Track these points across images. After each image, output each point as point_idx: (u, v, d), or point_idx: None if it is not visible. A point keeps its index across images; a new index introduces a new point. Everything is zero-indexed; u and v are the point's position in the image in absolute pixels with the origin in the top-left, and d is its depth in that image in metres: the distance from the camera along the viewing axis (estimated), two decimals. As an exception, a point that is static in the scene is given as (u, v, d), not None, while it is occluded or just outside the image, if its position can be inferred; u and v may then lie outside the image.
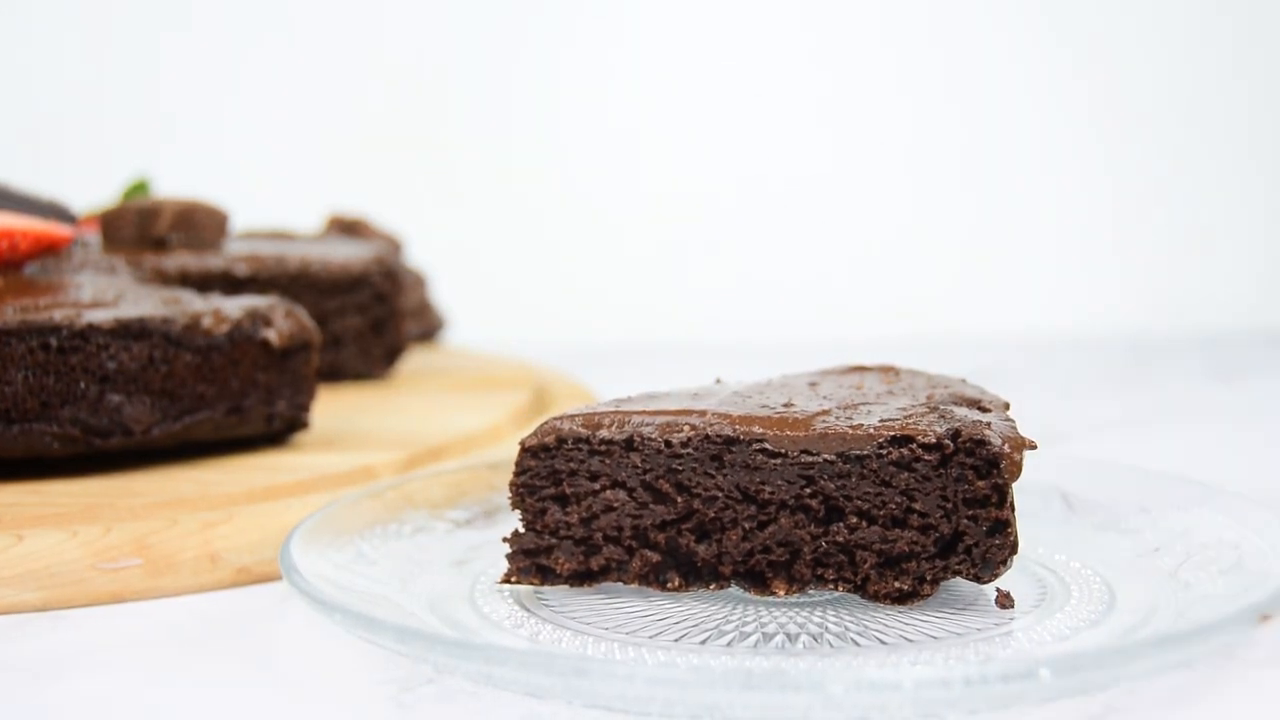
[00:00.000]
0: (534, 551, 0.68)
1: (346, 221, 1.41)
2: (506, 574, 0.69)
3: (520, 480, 0.68)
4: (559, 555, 0.68)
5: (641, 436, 0.67)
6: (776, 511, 0.66)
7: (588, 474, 0.68)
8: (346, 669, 0.61)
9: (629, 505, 0.67)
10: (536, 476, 0.68)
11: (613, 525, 0.67)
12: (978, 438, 0.64)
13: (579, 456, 0.68)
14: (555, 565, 0.68)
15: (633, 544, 0.67)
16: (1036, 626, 0.62)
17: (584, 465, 0.68)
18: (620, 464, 0.67)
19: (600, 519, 0.68)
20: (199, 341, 0.88)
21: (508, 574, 0.68)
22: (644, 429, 0.67)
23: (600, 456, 0.67)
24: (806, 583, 0.66)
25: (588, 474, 0.68)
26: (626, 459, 0.67)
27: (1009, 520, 0.64)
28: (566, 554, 0.68)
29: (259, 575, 0.76)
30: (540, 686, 0.54)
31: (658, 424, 0.67)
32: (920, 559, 0.65)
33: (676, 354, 1.65)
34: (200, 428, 0.89)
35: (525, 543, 0.68)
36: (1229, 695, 0.57)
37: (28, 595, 0.70)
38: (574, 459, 0.68)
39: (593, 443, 0.67)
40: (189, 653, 0.65)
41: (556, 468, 0.68)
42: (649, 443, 0.67)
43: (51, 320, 0.84)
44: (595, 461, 0.67)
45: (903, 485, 0.65)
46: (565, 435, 0.68)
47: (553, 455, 0.68)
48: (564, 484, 0.68)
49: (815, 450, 0.65)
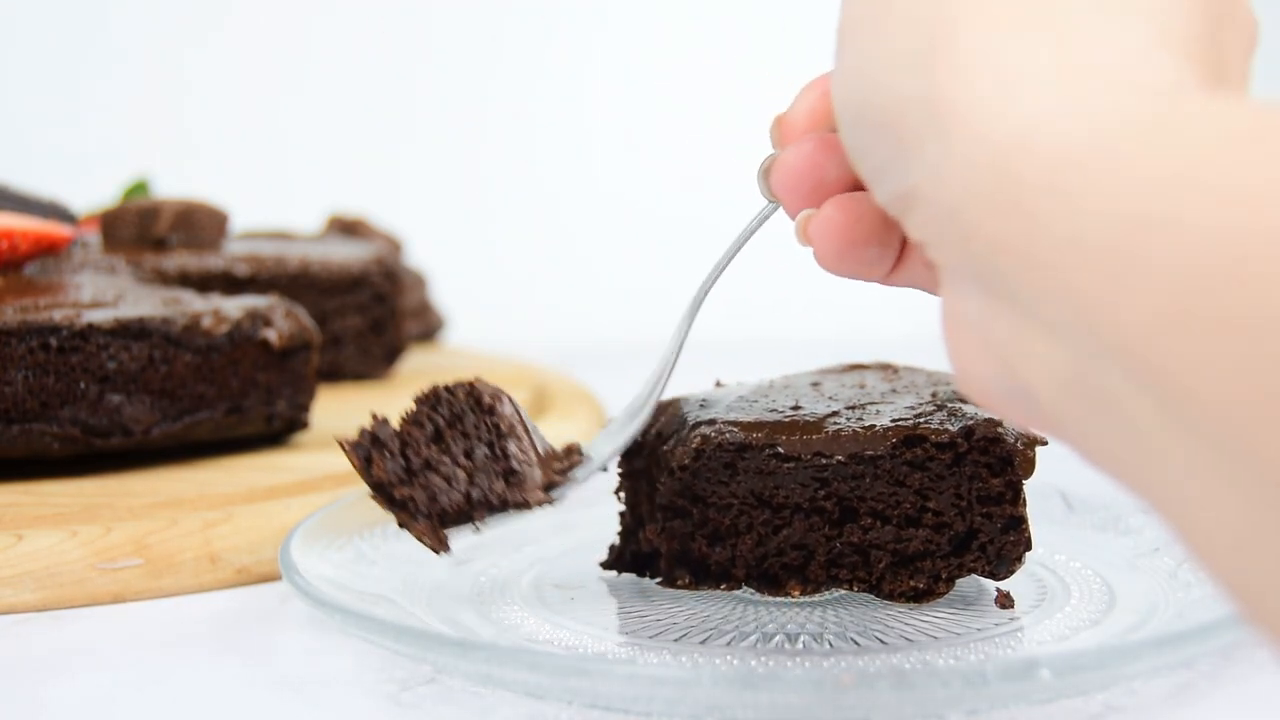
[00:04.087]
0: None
1: (346, 221, 1.41)
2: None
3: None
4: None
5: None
6: (791, 515, 0.66)
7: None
8: (346, 669, 0.61)
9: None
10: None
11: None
12: (991, 435, 0.64)
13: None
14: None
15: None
16: (1036, 626, 0.62)
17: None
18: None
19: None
20: (199, 341, 0.88)
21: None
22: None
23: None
24: (821, 584, 0.66)
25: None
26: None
27: (1023, 517, 0.65)
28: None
29: (259, 575, 0.76)
30: (540, 686, 0.54)
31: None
32: (935, 557, 0.65)
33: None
34: (200, 428, 0.89)
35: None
36: (1229, 695, 0.57)
37: (27, 595, 0.70)
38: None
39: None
40: (189, 653, 0.65)
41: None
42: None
43: (51, 320, 0.84)
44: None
45: (916, 484, 0.65)
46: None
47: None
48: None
49: (828, 452, 0.65)
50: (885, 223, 0.53)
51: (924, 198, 0.43)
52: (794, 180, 0.55)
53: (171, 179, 1.59)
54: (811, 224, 0.54)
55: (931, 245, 0.45)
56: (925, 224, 0.44)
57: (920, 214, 0.44)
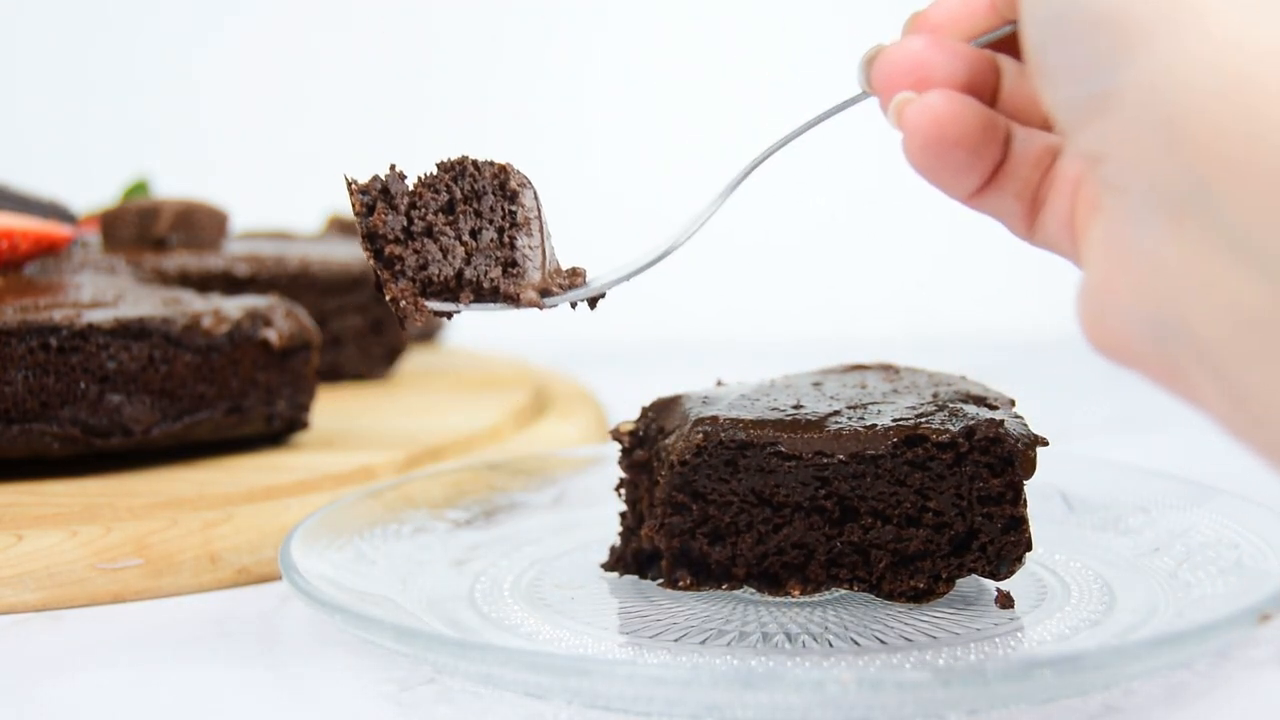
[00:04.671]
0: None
1: (347, 222, 1.41)
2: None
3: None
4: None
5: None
6: (791, 514, 0.66)
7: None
8: (346, 669, 0.61)
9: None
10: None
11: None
12: (992, 435, 0.64)
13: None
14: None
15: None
16: (1036, 626, 0.62)
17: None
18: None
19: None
20: (199, 341, 0.88)
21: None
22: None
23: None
24: (821, 583, 0.66)
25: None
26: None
27: (1024, 517, 0.65)
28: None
29: (259, 575, 0.76)
30: (541, 686, 0.54)
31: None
32: (935, 557, 0.65)
33: (676, 354, 1.64)
34: (200, 428, 0.89)
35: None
36: (1229, 695, 0.57)
37: (28, 595, 0.70)
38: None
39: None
40: (189, 653, 0.65)
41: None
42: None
43: (51, 320, 0.84)
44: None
45: (917, 484, 0.65)
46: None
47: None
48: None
49: (829, 452, 0.65)
50: (986, 130, 0.50)
51: (1130, 101, 0.40)
52: (898, 74, 0.52)
53: (172, 179, 1.59)
54: (909, 107, 0.51)
55: (1116, 157, 0.41)
56: (1119, 131, 0.40)
57: (1116, 119, 0.40)
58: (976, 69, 0.52)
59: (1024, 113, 0.53)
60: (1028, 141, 0.52)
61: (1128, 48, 0.40)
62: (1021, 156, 0.51)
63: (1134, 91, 0.40)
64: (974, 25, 0.53)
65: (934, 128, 0.50)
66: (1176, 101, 0.38)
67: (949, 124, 0.50)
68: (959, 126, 0.50)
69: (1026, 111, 0.53)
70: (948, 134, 0.50)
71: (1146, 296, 0.41)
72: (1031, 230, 0.52)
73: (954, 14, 0.53)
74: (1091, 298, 0.44)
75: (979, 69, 0.52)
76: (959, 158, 0.51)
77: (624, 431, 0.72)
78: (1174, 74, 0.38)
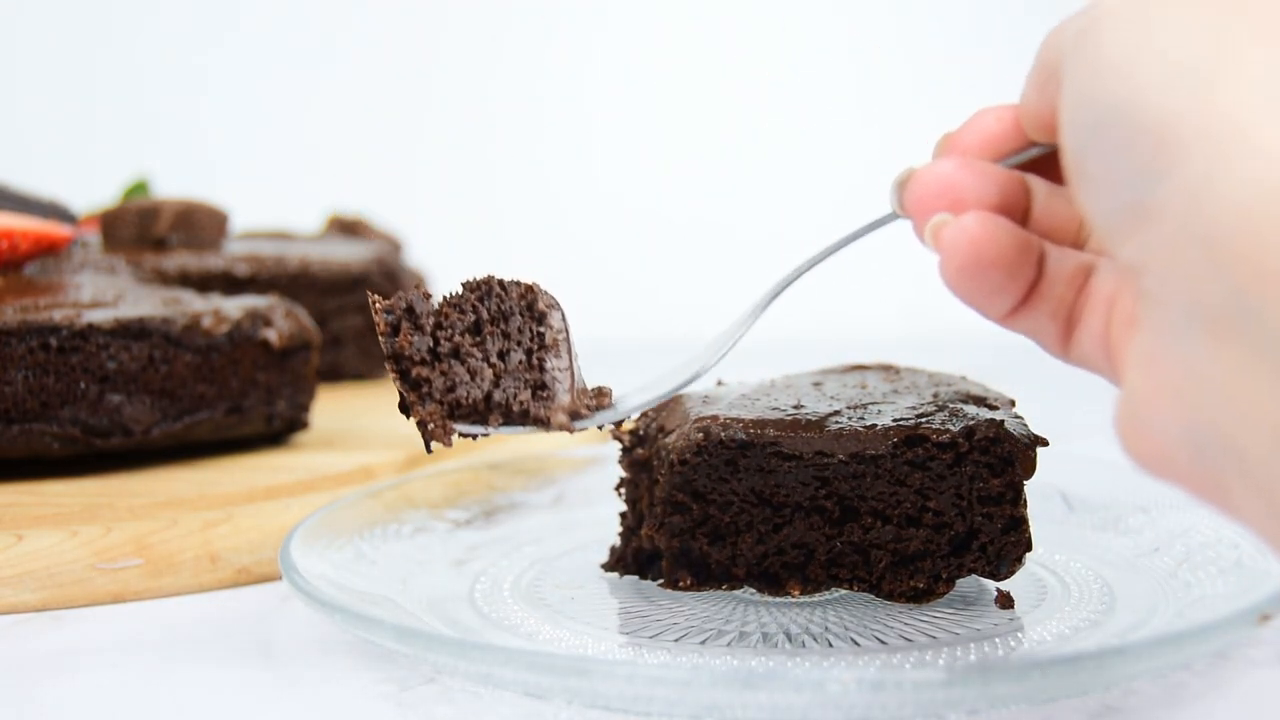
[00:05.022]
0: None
1: (347, 221, 1.41)
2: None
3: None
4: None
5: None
6: (791, 514, 0.66)
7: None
8: (346, 669, 0.61)
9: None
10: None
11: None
12: (992, 435, 0.64)
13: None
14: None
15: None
16: (1036, 627, 0.62)
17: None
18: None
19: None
20: (199, 341, 0.88)
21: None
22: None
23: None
24: (821, 583, 0.66)
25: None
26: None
27: (1024, 517, 0.65)
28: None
29: (259, 575, 0.76)
30: (540, 687, 0.54)
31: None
32: (935, 557, 0.65)
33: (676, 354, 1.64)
34: (200, 428, 0.89)
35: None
36: (1229, 695, 0.57)
37: (28, 595, 0.70)
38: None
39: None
40: (189, 652, 0.65)
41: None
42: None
43: (51, 320, 0.84)
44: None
45: (917, 484, 0.65)
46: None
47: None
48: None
49: (829, 452, 0.65)
50: (1021, 251, 0.51)
51: (1170, 213, 0.39)
52: (930, 196, 0.53)
53: (172, 179, 1.59)
54: (945, 229, 0.51)
55: (1156, 269, 0.41)
56: (1159, 243, 0.40)
57: (1156, 231, 0.40)
58: (1008, 190, 0.52)
59: (1056, 232, 0.53)
60: (1061, 260, 0.52)
61: (1168, 158, 0.39)
62: (1055, 275, 0.52)
63: (1175, 203, 0.39)
64: (1003, 147, 0.54)
65: (970, 249, 0.50)
66: (1217, 214, 0.38)
67: (984, 245, 0.50)
68: (994, 248, 0.50)
69: (1058, 231, 0.53)
70: (984, 255, 0.50)
71: (1187, 410, 0.40)
72: (1067, 349, 0.53)
73: (983, 136, 0.54)
74: (1131, 411, 0.44)
75: (1010, 190, 0.53)
76: (995, 279, 0.51)
77: (624, 430, 0.72)
78: (1214, 186, 0.38)
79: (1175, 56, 0.40)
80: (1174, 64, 0.40)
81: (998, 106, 0.54)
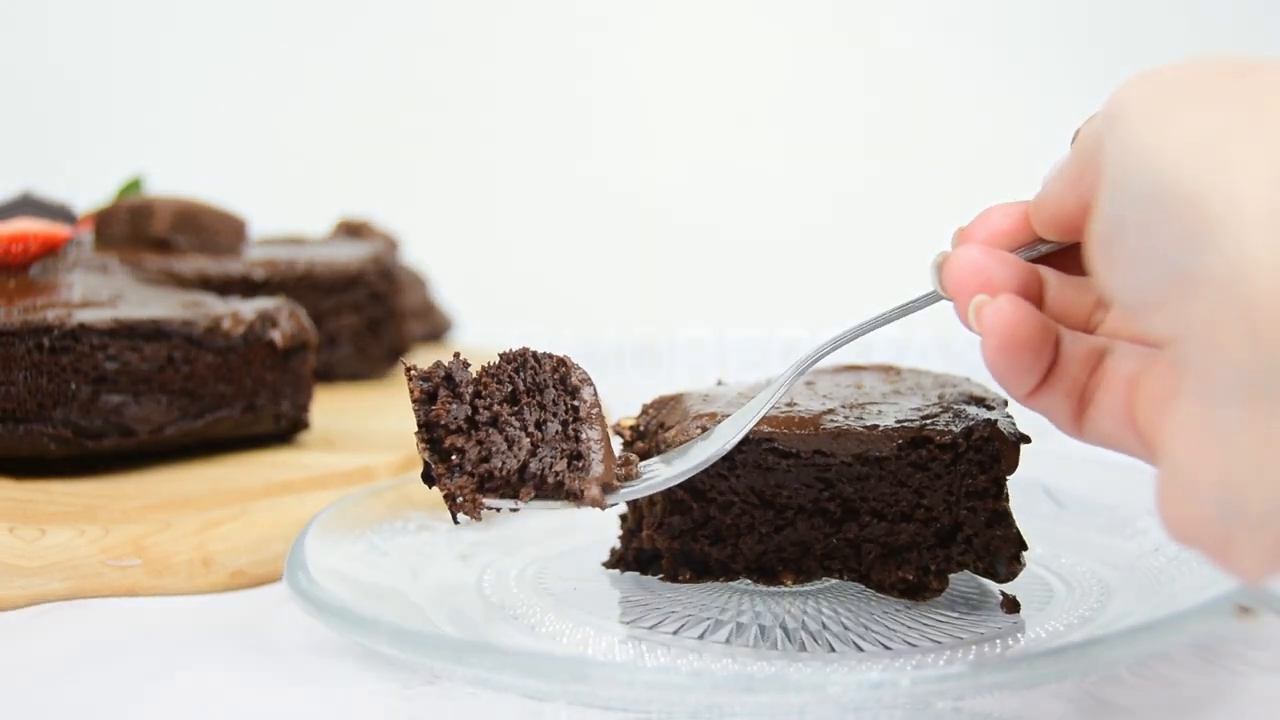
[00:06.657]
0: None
1: (353, 224, 1.41)
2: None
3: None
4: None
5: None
6: (794, 516, 0.66)
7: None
8: (347, 669, 0.61)
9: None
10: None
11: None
12: (986, 434, 0.64)
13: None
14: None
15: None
16: (1037, 628, 0.63)
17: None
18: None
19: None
20: (219, 343, 0.90)
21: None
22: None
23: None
24: (814, 574, 0.67)
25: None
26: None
27: (1007, 511, 0.65)
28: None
29: (254, 578, 0.76)
30: (539, 690, 0.55)
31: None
32: (921, 549, 0.65)
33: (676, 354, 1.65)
34: (220, 425, 0.90)
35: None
36: (1229, 698, 0.57)
37: (55, 585, 0.71)
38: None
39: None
40: (190, 652, 0.65)
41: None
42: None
43: (45, 320, 0.84)
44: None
45: (917, 484, 0.65)
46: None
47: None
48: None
49: (831, 452, 0.65)
50: (1045, 333, 0.53)
51: (1211, 285, 0.40)
52: (966, 277, 0.55)
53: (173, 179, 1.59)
54: (985, 309, 0.54)
55: (1196, 339, 0.41)
56: (1198, 315, 0.40)
57: (1195, 304, 0.40)
58: (1026, 278, 0.56)
59: (1065, 318, 0.56)
60: (1074, 344, 0.54)
61: (1209, 230, 0.40)
62: (1070, 357, 0.54)
63: (1216, 273, 0.40)
64: (1011, 242, 0.57)
65: (1006, 330, 0.53)
66: (1258, 286, 0.38)
67: (1017, 327, 0.53)
68: (1025, 329, 0.53)
69: (1069, 317, 0.57)
70: (1017, 336, 0.53)
71: (1222, 482, 0.41)
72: (1079, 426, 0.55)
73: (992, 231, 0.57)
74: (1173, 482, 0.44)
75: (1026, 278, 0.56)
76: (1026, 359, 0.54)
77: (625, 425, 0.72)
78: (1255, 258, 0.38)
79: (1202, 124, 0.42)
80: (1203, 132, 0.41)
81: (1006, 204, 0.57)
